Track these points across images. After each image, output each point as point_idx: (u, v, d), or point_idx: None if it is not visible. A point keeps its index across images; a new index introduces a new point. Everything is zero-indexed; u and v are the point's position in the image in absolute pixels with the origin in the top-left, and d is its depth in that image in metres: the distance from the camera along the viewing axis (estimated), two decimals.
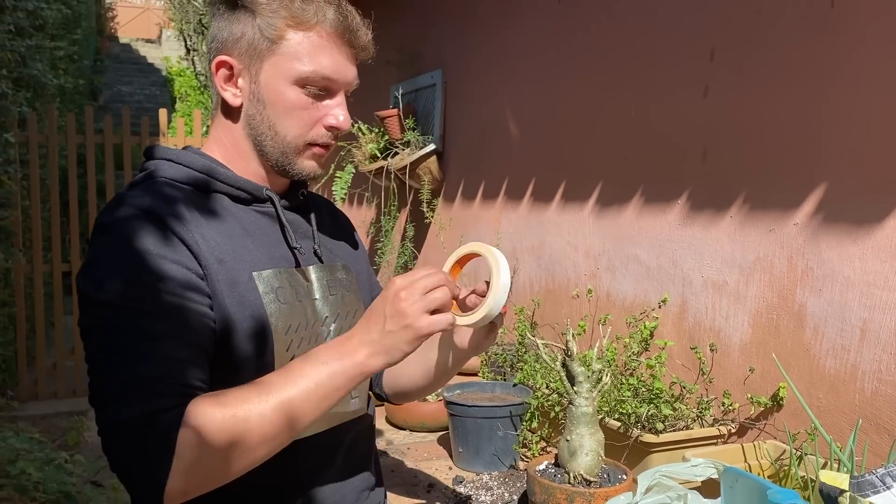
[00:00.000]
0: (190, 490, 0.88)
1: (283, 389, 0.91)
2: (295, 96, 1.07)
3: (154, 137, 5.31)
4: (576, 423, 1.87)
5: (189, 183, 1.07)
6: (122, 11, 16.37)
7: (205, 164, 1.09)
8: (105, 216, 0.99)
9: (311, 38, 1.06)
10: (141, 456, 0.86)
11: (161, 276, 0.94)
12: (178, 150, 1.12)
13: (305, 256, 1.15)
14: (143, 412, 0.87)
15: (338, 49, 1.08)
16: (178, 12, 12.27)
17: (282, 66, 1.06)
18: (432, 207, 4.56)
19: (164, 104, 12.32)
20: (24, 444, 2.52)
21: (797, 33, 2.19)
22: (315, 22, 1.06)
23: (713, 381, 2.50)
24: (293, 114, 1.08)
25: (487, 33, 4.03)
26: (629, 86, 2.91)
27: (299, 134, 1.09)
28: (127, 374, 0.89)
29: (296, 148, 1.10)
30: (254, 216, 1.12)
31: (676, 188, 2.67)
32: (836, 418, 2.08)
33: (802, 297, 2.19)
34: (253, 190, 1.12)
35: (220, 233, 1.04)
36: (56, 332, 4.91)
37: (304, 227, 1.18)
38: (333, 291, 1.17)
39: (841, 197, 2.07)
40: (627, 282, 2.93)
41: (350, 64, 1.10)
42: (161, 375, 0.90)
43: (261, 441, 0.90)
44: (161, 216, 0.98)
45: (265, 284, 1.06)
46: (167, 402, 0.88)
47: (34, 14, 4.77)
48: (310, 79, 1.07)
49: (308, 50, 1.06)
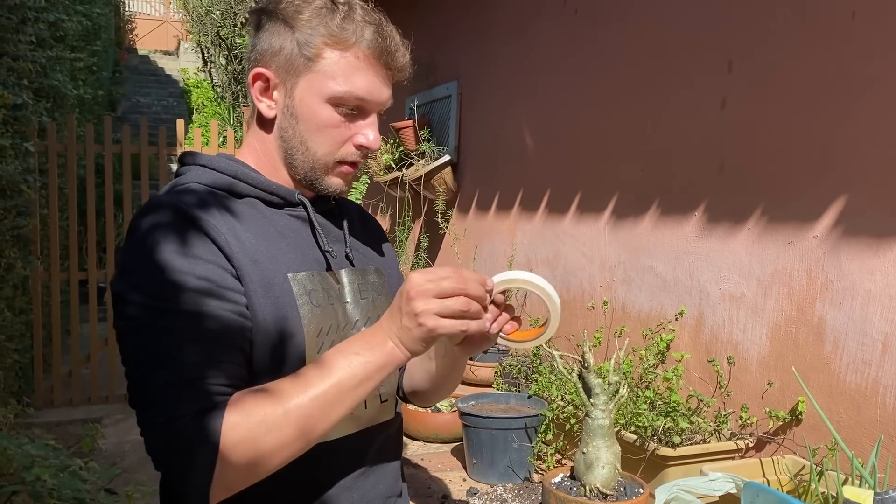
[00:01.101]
0: (231, 486, 0.90)
1: (320, 382, 0.92)
2: (327, 114, 1.08)
3: (171, 148, 5.34)
4: (592, 435, 1.86)
5: (221, 187, 1.09)
6: (140, 23, 16.56)
7: (236, 169, 1.11)
8: (139, 219, 1.00)
9: (348, 58, 1.07)
10: (177, 459, 0.88)
11: (194, 277, 0.95)
12: (212, 155, 1.14)
13: (337, 260, 1.16)
14: (176, 415, 0.88)
15: (373, 70, 1.08)
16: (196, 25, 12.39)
17: (316, 83, 1.07)
18: (447, 218, 4.56)
19: (182, 115, 12.42)
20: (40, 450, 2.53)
21: (817, 44, 2.18)
22: (353, 42, 1.07)
23: (731, 394, 2.48)
24: (324, 131, 1.09)
25: (503, 45, 4.04)
26: (646, 97, 2.90)
27: (329, 151, 1.10)
28: (161, 377, 0.91)
29: (325, 165, 1.11)
30: (286, 219, 1.13)
31: (693, 200, 2.65)
32: (857, 433, 2.05)
33: (822, 310, 2.16)
34: (285, 194, 1.13)
35: (254, 234, 1.05)
36: (72, 339, 4.94)
37: (335, 232, 1.19)
38: (364, 295, 1.18)
39: (861, 209, 2.05)
40: (643, 294, 2.91)
41: (384, 85, 1.11)
42: (195, 378, 0.91)
43: (300, 433, 0.91)
44: (193, 218, 0.99)
45: (299, 286, 1.07)
46: (200, 404, 0.89)
47: (55, 25, 4.82)
48: (343, 99, 1.07)
49: (344, 70, 1.07)
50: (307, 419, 0.91)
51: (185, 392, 0.90)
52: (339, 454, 1.12)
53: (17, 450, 2.43)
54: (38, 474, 2.27)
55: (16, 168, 3.98)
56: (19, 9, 3.80)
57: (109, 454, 3.92)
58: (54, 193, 4.82)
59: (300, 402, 0.91)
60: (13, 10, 3.73)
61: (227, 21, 11.20)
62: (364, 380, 0.94)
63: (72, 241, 4.95)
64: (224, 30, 11.15)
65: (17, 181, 4.02)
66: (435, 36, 4.84)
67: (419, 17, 5.00)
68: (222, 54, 11.55)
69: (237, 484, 0.91)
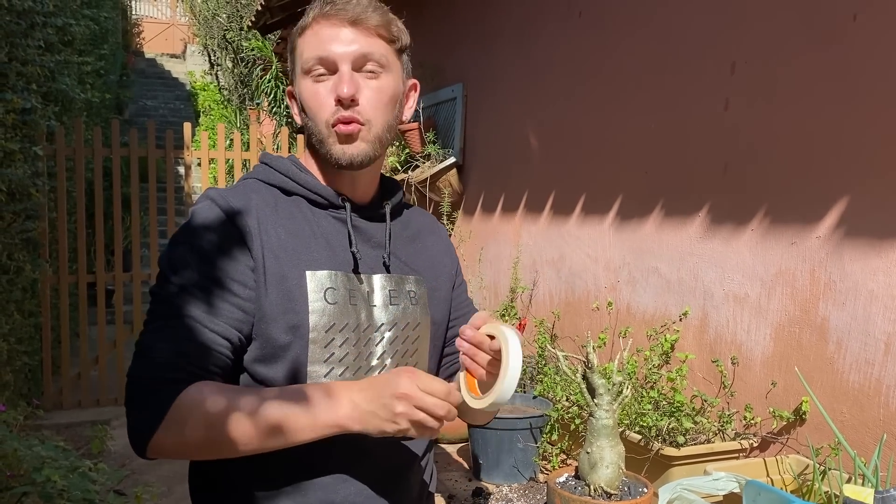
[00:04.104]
0: (165, 453, 1.02)
1: (276, 410, 1.00)
2: (307, 87, 1.16)
3: (178, 151, 5.37)
4: (596, 435, 1.87)
5: (274, 184, 1.19)
6: (147, 27, 16.62)
7: (288, 169, 1.20)
8: (194, 206, 1.15)
9: (307, 35, 1.17)
10: (142, 408, 1.02)
11: (209, 264, 1.07)
12: (275, 156, 1.25)
13: (370, 263, 1.20)
14: (157, 376, 1.02)
15: (324, 29, 1.15)
16: (203, 28, 12.46)
17: (298, 70, 1.18)
18: (452, 220, 4.57)
19: (188, 118, 12.47)
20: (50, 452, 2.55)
21: (819, 46, 2.19)
22: (310, 20, 1.16)
23: (735, 394, 2.48)
24: (311, 103, 1.16)
25: (508, 48, 4.06)
26: (649, 99, 2.92)
27: (321, 119, 1.16)
28: (158, 341, 1.03)
29: (325, 135, 1.16)
30: (328, 220, 1.19)
31: (697, 201, 2.66)
32: (860, 433, 2.05)
33: (825, 310, 2.17)
34: (329, 196, 1.19)
35: (287, 230, 1.14)
36: (81, 341, 4.97)
37: (378, 237, 1.23)
38: (395, 301, 1.21)
39: (864, 210, 2.06)
40: (648, 294, 2.92)
41: (339, 37, 1.14)
42: (181, 352, 1.03)
43: (237, 438, 1.00)
44: (230, 208, 1.11)
45: (316, 283, 1.13)
46: (179, 376, 1.02)
47: (63, 30, 4.86)
48: (308, 66, 1.15)
49: (307, 45, 1.16)
50: (247, 429, 1.00)
51: (165, 361, 1.02)
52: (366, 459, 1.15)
53: (28, 451, 2.46)
54: (48, 475, 2.29)
55: (25, 172, 4.01)
56: (28, 14, 3.83)
57: (118, 456, 3.95)
58: (63, 197, 4.86)
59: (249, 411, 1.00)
60: (22, 15, 3.77)
61: (233, 24, 11.25)
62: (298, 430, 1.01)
63: (80, 243, 4.98)
64: (230, 33, 11.20)
65: (26, 185, 4.06)
66: (441, 39, 4.86)
67: (425, 21, 5.02)
68: (229, 57, 11.60)
69: (174, 450, 1.02)
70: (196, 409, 1.00)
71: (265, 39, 8.24)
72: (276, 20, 5.74)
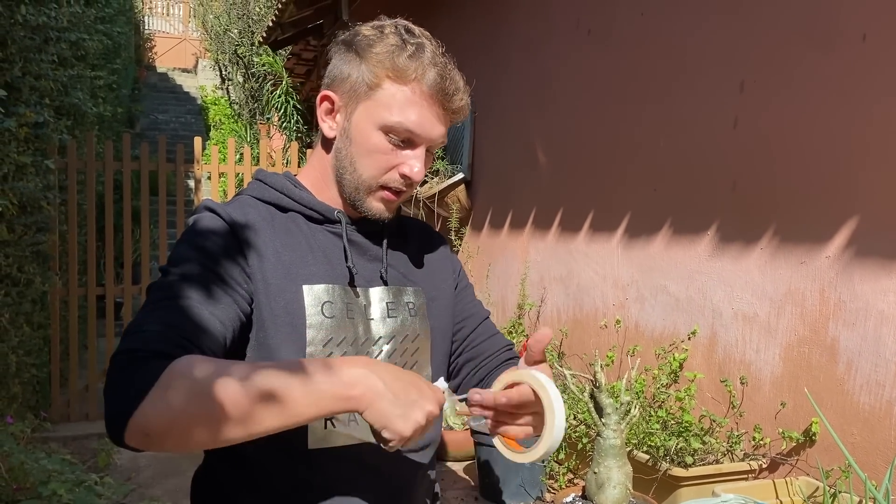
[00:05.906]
0: (149, 430, 0.89)
1: (271, 377, 0.91)
2: (378, 140, 1.15)
3: (189, 164, 5.40)
4: (604, 455, 1.85)
5: (269, 201, 1.20)
6: (160, 41, 16.76)
7: (283, 185, 1.21)
8: (192, 216, 1.16)
9: (405, 91, 1.15)
10: (125, 382, 0.92)
11: (211, 260, 1.07)
12: (269, 172, 1.26)
13: (367, 277, 1.21)
14: (144, 348, 0.95)
15: (428, 108, 1.16)
16: (214, 43, 12.56)
17: (373, 111, 1.15)
18: (460, 236, 4.58)
19: (199, 132, 12.55)
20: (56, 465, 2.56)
21: (828, 65, 2.19)
22: (413, 78, 1.16)
23: (743, 414, 2.46)
24: (372, 156, 1.16)
25: (517, 65, 4.08)
26: (658, 117, 2.92)
27: (373, 175, 1.17)
28: (148, 317, 1.00)
29: (368, 187, 1.18)
30: (324, 235, 1.21)
31: (706, 219, 2.65)
32: (871, 455, 2.03)
33: (835, 330, 2.16)
34: (324, 211, 1.21)
35: (284, 244, 1.15)
36: (89, 354, 4.98)
37: (374, 250, 1.24)
38: (394, 314, 1.21)
39: (874, 229, 2.05)
40: (656, 313, 2.91)
41: (438, 123, 1.18)
42: (173, 325, 0.98)
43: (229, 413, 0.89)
44: (231, 219, 1.12)
45: (313, 297, 1.13)
46: (166, 349, 0.95)
47: (77, 45, 4.90)
48: (394, 128, 1.15)
49: (399, 102, 1.15)
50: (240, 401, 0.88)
51: (152, 334, 0.96)
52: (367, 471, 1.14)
53: (34, 464, 2.46)
54: (54, 489, 2.30)
55: (36, 185, 4.04)
56: (42, 29, 3.87)
57: (124, 469, 3.95)
58: (73, 210, 4.89)
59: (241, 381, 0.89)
60: (36, 30, 3.81)
61: (244, 39, 11.35)
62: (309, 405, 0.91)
63: (90, 256, 5.01)
64: (241, 48, 11.29)
65: (38, 198, 4.09)
66: (449, 54, 4.87)
67: (435, 36, 5.04)
68: (239, 72, 11.69)
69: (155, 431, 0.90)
70: (183, 375, 0.90)
71: (276, 55, 8.30)
72: (287, 36, 5.78)
